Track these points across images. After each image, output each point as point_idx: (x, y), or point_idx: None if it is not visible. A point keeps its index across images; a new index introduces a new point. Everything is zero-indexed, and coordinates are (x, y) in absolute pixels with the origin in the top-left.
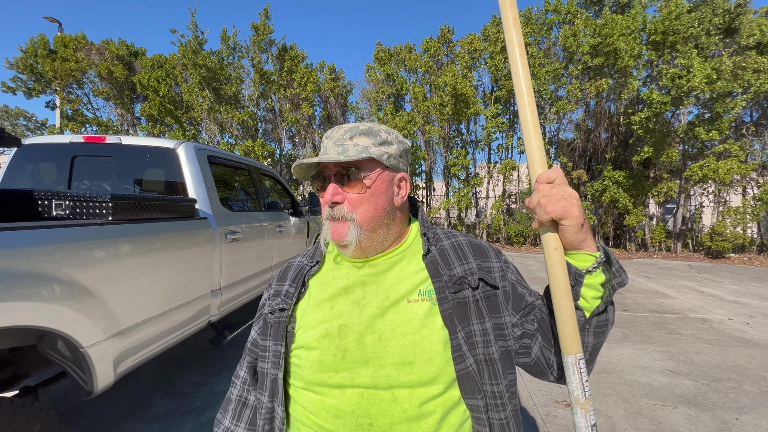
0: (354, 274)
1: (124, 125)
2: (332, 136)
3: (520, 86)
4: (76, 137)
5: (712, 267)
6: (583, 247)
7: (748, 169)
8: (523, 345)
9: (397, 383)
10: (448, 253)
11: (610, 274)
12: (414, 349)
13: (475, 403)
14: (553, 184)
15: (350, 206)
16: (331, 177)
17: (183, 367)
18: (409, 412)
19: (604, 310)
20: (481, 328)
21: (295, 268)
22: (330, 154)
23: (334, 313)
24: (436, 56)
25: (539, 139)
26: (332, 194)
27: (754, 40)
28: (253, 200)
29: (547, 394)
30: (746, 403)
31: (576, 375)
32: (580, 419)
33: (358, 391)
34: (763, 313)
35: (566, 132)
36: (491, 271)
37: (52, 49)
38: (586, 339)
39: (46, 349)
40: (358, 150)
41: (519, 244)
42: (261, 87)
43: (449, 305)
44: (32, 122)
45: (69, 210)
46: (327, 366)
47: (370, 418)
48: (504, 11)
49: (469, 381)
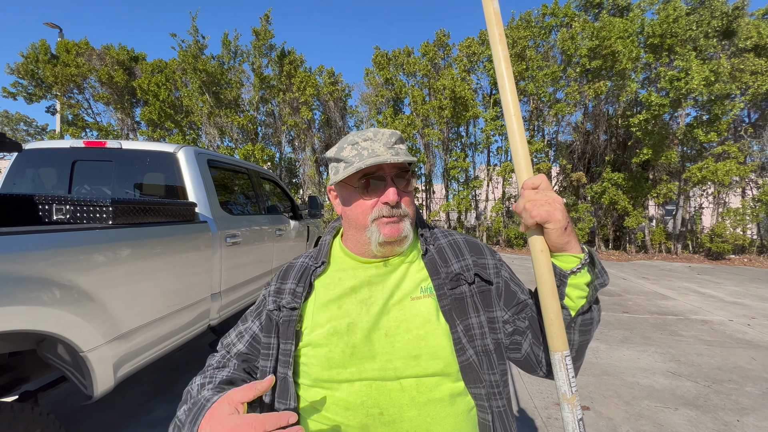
0: (361, 274)
1: (124, 130)
2: (378, 139)
3: (506, 98)
4: (77, 142)
5: (712, 268)
6: (567, 249)
7: (747, 170)
8: (514, 341)
9: (405, 374)
10: (446, 251)
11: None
12: (419, 344)
13: (478, 392)
14: (538, 190)
15: (406, 204)
16: (389, 178)
17: (183, 371)
18: (418, 399)
19: (589, 309)
20: (478, 322)
21: (299, 268)
22: (385, 155)
23: (342, 312)
24: (434, 60)
25: (525, 147)
26: (396, 194)
27: (752, 42)
28: (253, 204)
29: (548, 396)
30: (747, 405)
31: (563, 371)
32: (568, 414)
33: (366, 383)
34: (764, 315)
35: (565, 134)
36: (486, 267)
37: (54, 54)
38: (572, 337)
39: (46, 354)
40: (405, 153)
41: (519, 247)
42: (261, 91)
43: (448, 301)
44: (33, 127)
45: (69, 214)
46: (335, 362)
47: (380, 408)
48: (490, 27)
49: (472, 371)
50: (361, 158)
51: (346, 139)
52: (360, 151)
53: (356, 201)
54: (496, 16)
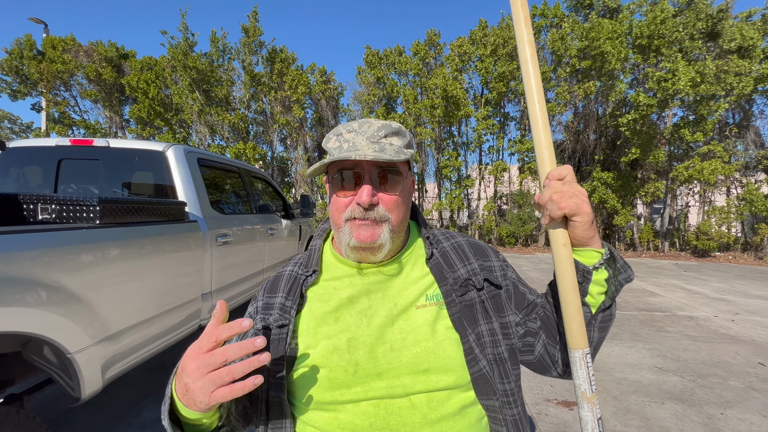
0: (358, 282)
1: (112, 128)
2: (362, 131)
3: (530, 84)
4: (63, 140)
5: (698, 265)
6: (591, 243)
7: (732, 169)
8: (526, 343)
9: (414, 390)
10: (450, 255)
11: (614, 270)
12: (428, 357)
13: (491, 404)
14: (564, 181)
15: (386, 207)
16: (366, 176)
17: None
18: (430, 416)
19: (610, 305)
20: (488, 329)
21: (288, 278)
22: (364, 150)
23: (340, 326)
24: (425, 59)
25: (548, 136)
26: (369, 194)
27: (736, 44)
28: (245, 203)
29: (538, 393)
30: (731, 398)
31: (583, 369)
32: (587, 413)
33: (373, 402)
34: (747, 310)
35: (556, 134)
36: (493, 270)
37: (39, 50)
38: (592, 334)
39: (32, 356)
40: (395, 150)
41: (510, 245)
42: (252, 89)
43: (457, 308)
44: (17, 125)
45: (55, 214)
46: (338, 383)
47: (390, 429)
48: (515, 9)
49: (484, 383)
50: (340, 151)
51: (335, 129)
52: (342, 143)
53: (333, 197)
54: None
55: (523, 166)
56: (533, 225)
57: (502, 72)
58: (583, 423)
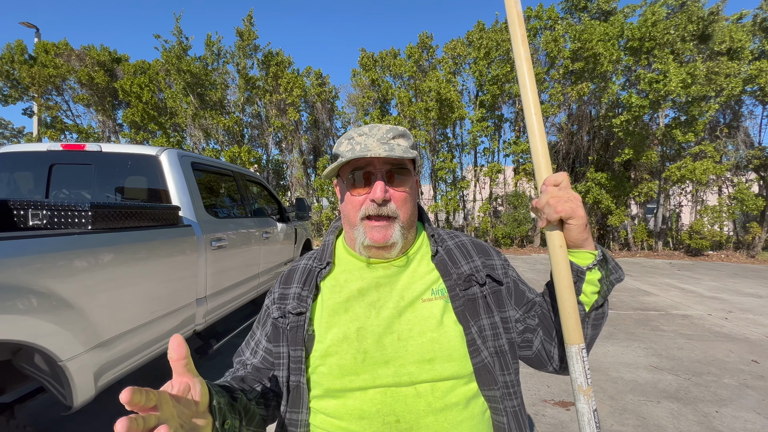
0: (368, 276)
1: (105, 132)
2: (372, 134)
3: (527, 97)
4: (54, 145)
5: (691, 264)
6: (584, 245)
7: (723, 169)
8: (525, 339)
9: (419, 380)
10: (454, 253)
11: (606, 271)
12: (433, 347)
13: (492, 394)
14: (560, 187)
15: (397, 205)
16: (378, 174)
17: (168, 378)
18: (434, 405)
19: (602, 304)
20: (490, 322)
21: (303, 270)
22: (376, 150)
23: (350, 316)
24: (419, 62)
25: (545, 145)
26: (383, 190)
27: (726, 46)
28: (239, 207)
29: (535, 393)
30: (726, 396)
31: (579, 363)
32: (583, 405)
33: (380, 390)
34: (740, 308)
35: (550, 135)
36: (495, 268)
37: (31, 54)
38: (586, 331)
39: (23, 364)
40: (402, 149)
41: (506, 246)
42: (246, 93)
43: (461, 302)
44: (8, 130)
45: (47, 220)
46: (347, 370)
47: (396, 416)
48: (512, 28)
49: (486, 373)
50: (353, 153)
51: (346, 134)
52: (354, 145)
53: (348, 197)
54: (518, 17)
55: (518, 168)
56: (529, 226)
57: (496, 75)
58: (580, 414)
